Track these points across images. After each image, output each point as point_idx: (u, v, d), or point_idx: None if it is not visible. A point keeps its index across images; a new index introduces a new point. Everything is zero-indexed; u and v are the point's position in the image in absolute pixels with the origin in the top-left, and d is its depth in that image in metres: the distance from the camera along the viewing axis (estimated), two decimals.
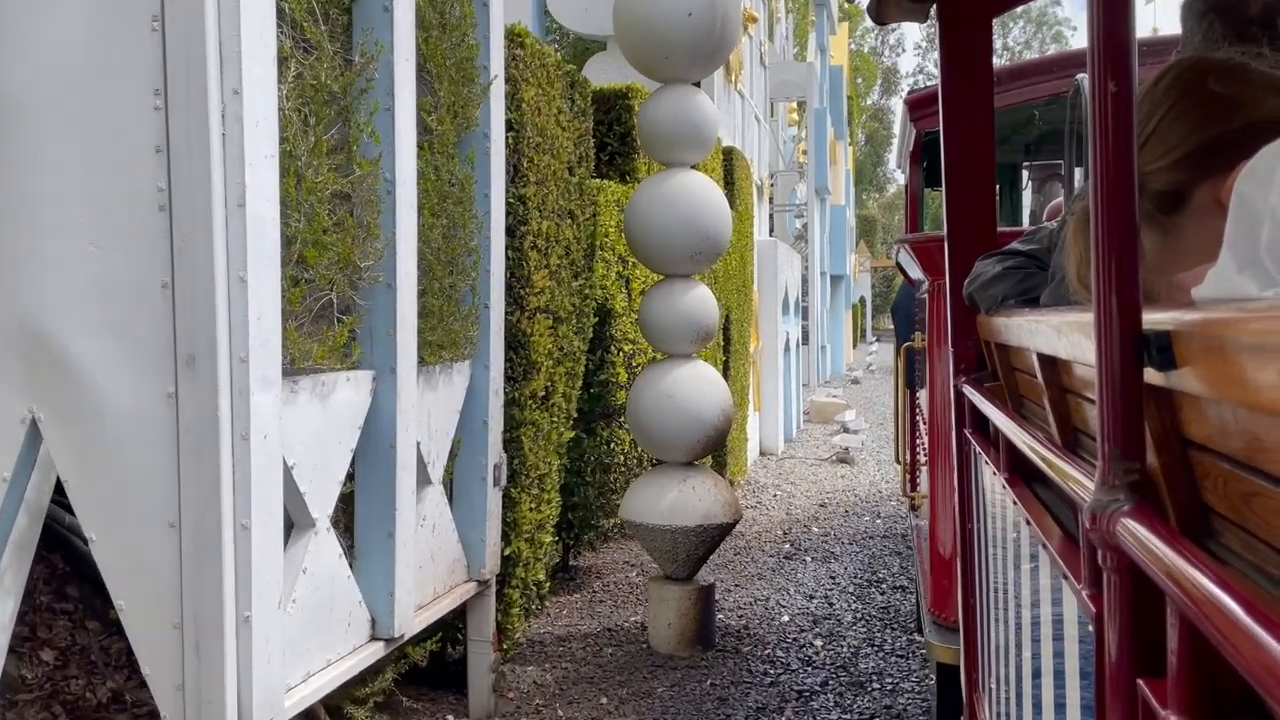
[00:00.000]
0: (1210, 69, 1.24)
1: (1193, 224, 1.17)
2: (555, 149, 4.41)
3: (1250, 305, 0.69)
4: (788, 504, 8.76)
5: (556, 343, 4.49)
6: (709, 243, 4.80)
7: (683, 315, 4.84)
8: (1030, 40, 62.66)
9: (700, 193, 4.81)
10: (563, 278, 4.55)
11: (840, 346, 27.06)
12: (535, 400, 4.26)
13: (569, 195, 4.62)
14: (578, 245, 4.76)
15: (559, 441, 4.52)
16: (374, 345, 3.16)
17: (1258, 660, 0.52)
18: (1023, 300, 1.79)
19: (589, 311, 5.01)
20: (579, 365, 4.94)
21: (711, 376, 4.94)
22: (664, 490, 4.83)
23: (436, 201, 3.44)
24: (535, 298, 4.20)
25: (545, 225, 4.29)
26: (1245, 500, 0.74)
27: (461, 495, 3.91)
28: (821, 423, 14.65)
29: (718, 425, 4.85)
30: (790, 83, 22.01)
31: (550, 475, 4.54)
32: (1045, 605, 1.33)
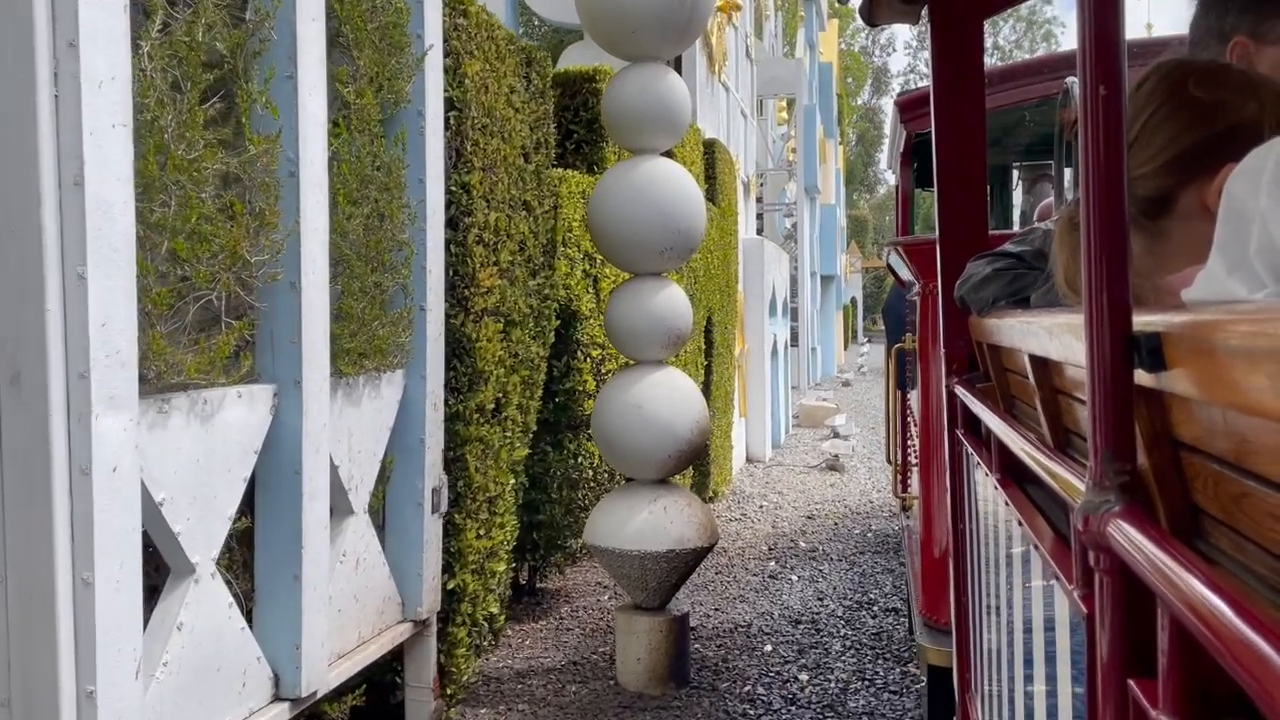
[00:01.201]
0: (1191, 73, 1.23)
1: (1179, 228, 1.18)
2: (506, 132, 3.94)
3: (1239, 308, 0.71)
4: (774, 516, 8.30)
5: (509, 349, 4.02)
6: (681, 237, 4.34)
7: (653, 318, 4.37)
8: (1021, 39, 62.58)
9: (671, 182, 4.34)
10: (517, 276, 4.07)
11: (831, 348, 26.65)
12: (483, 414, 3.78)
13: (523, 184, 4.15)
14: (535, 240, 4.29)
15: (512, 459, 4.04)
16: (275, 355, 2.68)
17: (1248, 661, 0.52)
18: (1014, 301, 1.78)
19: (550, 314, 4.54)
20: (538, 373, 4.47)
21: (685, 385, 4.47)
22: (632, 511, 4.36)
23: (356, 187, 2.97)
24: (482, 298, 3.72)
25: (494, 217, 3.82)
26: (1235, 501, 0.74)
27: (394, 524, 3.43)
28: (811, 427, 14.20)
29: (691, 439, 4.39)
30: (779, 79, 21.62)
31: (503, 497, 4.07)
32: (1037, 606, 1.33)
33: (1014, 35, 63.31)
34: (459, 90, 3.57)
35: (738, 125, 12.44)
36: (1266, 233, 0.77)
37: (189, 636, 2.38)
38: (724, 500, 8.82)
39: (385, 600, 3.31)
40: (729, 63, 11.38)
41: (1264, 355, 0.56)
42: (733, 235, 9.15)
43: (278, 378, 2.68)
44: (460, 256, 3.62)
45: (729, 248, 8.89)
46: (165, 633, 2.33)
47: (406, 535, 3.42)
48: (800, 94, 21.83)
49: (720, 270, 8.42)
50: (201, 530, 2.42)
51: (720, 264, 8.42)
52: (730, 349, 9.12)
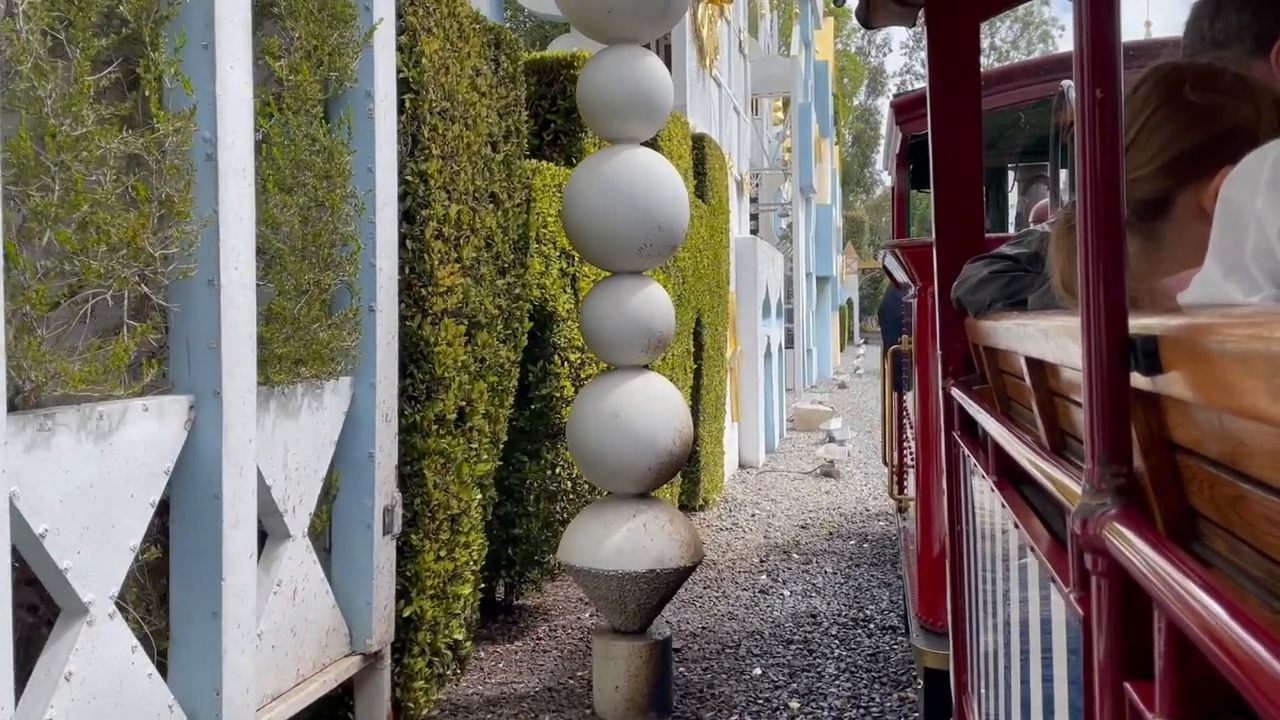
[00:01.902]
0: (1187, 76, 1.23)
1: (1175, 230, 1.19)
2: (470, 118, 3.62)
3: (1235, 311, 0.71)
4: (766, 525, 7.98)
5: (474, 353, 3.70)
6: (662, 233, 4.02)
7: (631, 319, 4.05)
8: (1017, 40, 62.43)
9: (651, 173, 4.03)
10: (483, 275, 3.76)
11: (827, 350, 26.35)
12: (443, 424, 3.47)
13: (491, 175, 3.83)
14: (504, 236, 3.98)
15: (479, 473, 3.72)
16: (191, 362, 2.37)
17: (1243, 663, 0.52)
18: (1011, 304, 1.77)
19: (522, 315, 4.23)
20: (509, 379, 4.15)
21: (666, 392, 4.16)
22: (610, 528, 4.05)
23: (289, 173, 2.65)
24: (442, 298, 3.41)
25: (456, 210, 3.50)
26: (1231, 504, 0.74)
27: (342, 548, 3.12)
28: (806, 431, 13.89)
29: (673, 450, 4.07)
30: (774, 77, 21.36)
31: (468, 514, 3.75)
32: (1034, 608, 1.33)
33: (1011, 36, 63.18)
34: (415, 70, 3.25)
35: (730, 121, 12.13)
36: (1262, 236, 0.76)
37: (80, 688, 2.06)
38: (715, 508, 8.51)
39: (329, 632, 2.99)
40: (721, 57, 11.07)
41: (1259, 359, 0.56)
42: (724, 234, 8.84)
43: (194, 388, 2.37)
44: (417, 252, 3.31)
45: (720, 246, 8.58)
46: (49, 685, 2.01)
47: (355, 560, 3.10)
48: (795, 92, 21.55)
49: (710, 270, 8.11)
50: (96, 565, 2.10)
51: (710, 263, 8.10)
52: (721, 351, 8.81)
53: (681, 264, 6.95)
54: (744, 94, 13.62)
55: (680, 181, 4.16)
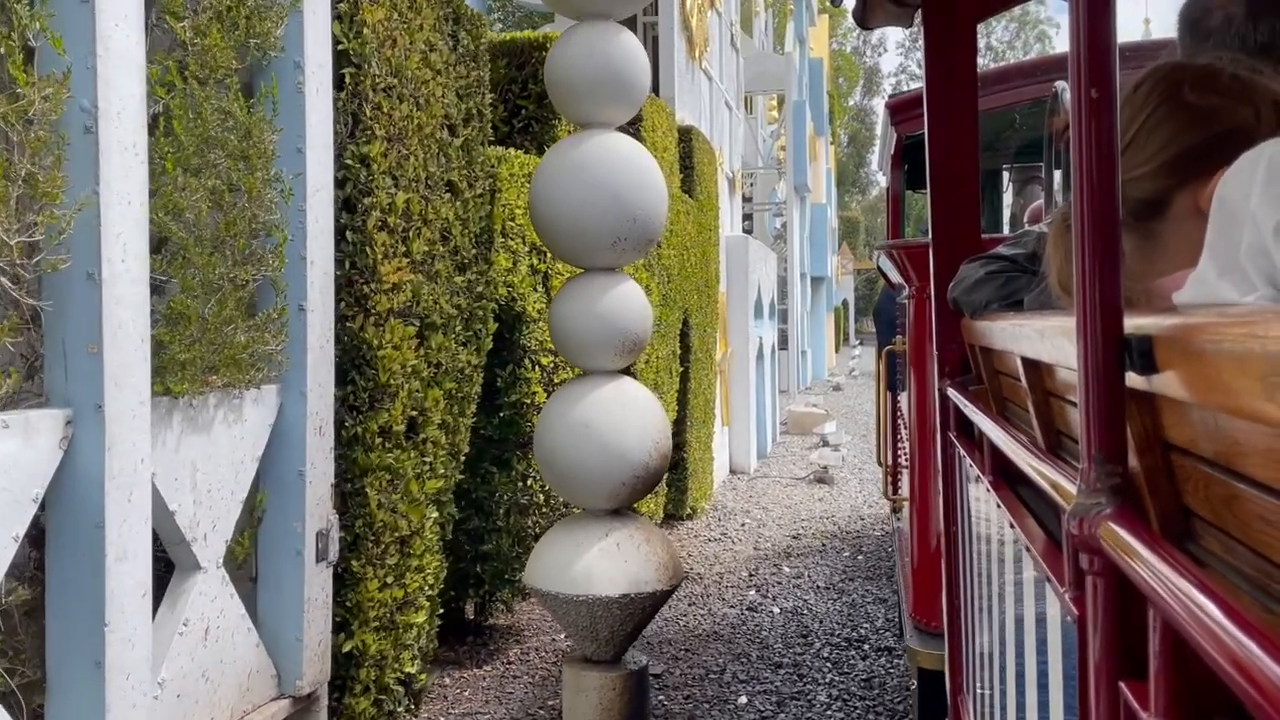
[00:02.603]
0: (1187, 77, 1.22)
1: (1172, 231, 1.18)
2: (423, 98, 3.28)
3: (1230, 310, 0.72)
4: (756, 535, 7.64)
5: (427, 357, 3.35)
6: (637, 226, 3.67)
7: (603, 320, 3.71)
8: (1013, 40, 62.32)
9: (624, 160, 3.68)
10: (437, 270, 3.41)
11: (822, 351, 26.03)
12: (389, 436, 3.12)
13: (447, 161, 3.48)
14: (463, 229, 3.63)
15: (434, 489, 3.37)
16: (68, 370, 2.02)
17: (1238, 662, 0.52)
18: (1007, 304, 1.77)
19: (485, 316, 3.88)
20: (470, 386, 3.81)
21: (642, 399, 3.81)
22: (579, 548, 3.70)
23: (194, 152, 2.30)
24: (387, 296, 3.06)
25: (404, 198, 3.15)
26: (1225, 503, 0.74)
27: (269, 578, 2.77)
28: (800, 434, 13.55)
29: (648, 463, 3.72)
30: (768, 75, 21.06)
31: (422, 534, 3.40)
32: (1029, 608, 1.33)
33: (1007, 36, 63.11)
34: (356, 42, 2.90)
35: (722, 116, 11.79)
36: (1257, 235, 0.76)
37: None
38: (703, 517, 8.16)
39: (252, 675, 2.64)
40: (711, 49, 10.73)
41: (1254, 358, 0.56)
42: (713, 231, 8.50)
43: (72, 400, 2.02)
44: (358, 245, 2.96)
45: (708, 244, 8.23)
46: None
47: (283, 591, 2.76)
48: (790, 90, 21.23)
49: (698, 268, 7.76)
50: None
51: (698, 261, 7.76)
52: (710, 353, 8.47)
53: (666, 262, 6.61)
54: (736, 89, 13.29)
55: (658, 170, 3.82)
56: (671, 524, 7.76)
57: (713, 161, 8.50)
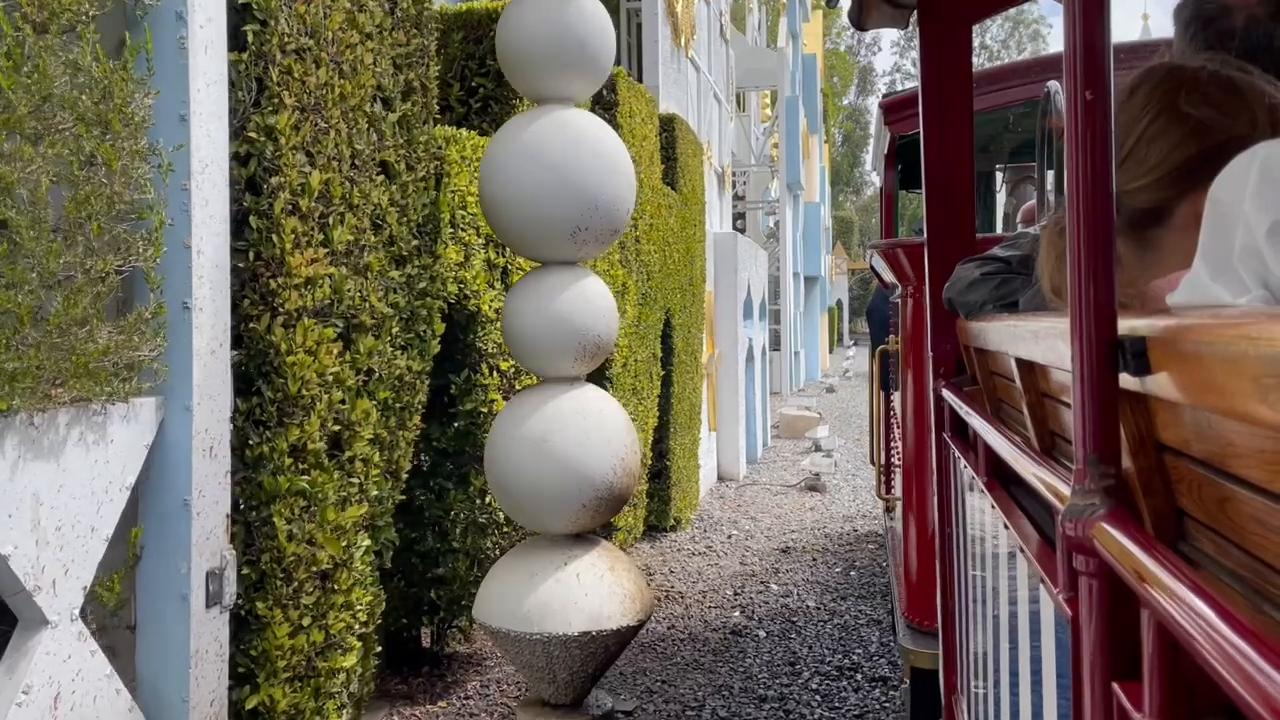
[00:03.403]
0: (1182, 84, 1.20)
1: (1172, 238, 1.18)
2: (348, 65, 2.84)
3: (1223, 312, 0.72)
4: (743, 549, 7.21)
5: (354, 363, 2.92)
6: (600, 215, 3.24)
7: (561, 320, 3.28)
8: (1008, 40, 62.22)
9: (586, 140, 3.25)
10: (366, 263, 2.97)
11: (815, 352, 25.63)
12: (304, 455, 2.68)
13: (379, 139, 3.05)
14: (401, 217, 3.19)
15: (356, 516, 2.93)
16: None
17: (1230, 664, 0.53)
18: (1002, 305, 1.78)
19: (431, 316, 3.44)
20: (413, 394, 3.37)
21: (607, 411, 3.38)
22: (534, 579, 3.27)
23: (27, 114, 1.86)
24: (299, 293, 2.62)
25: (324, 179, 2.72)
26: (1219, 505, 0.74)
27: (148, 627, 2.33)
28: (791, 438, 13.13)
29: (613, 483, 3.29)
30: (760, 70, 20.70)
31: (350, 566, 2.96)
32: (1023, 608, 1.33)
33: (1002, 35, 63.02)
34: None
35: (710, 109, 11.36)
36: (1250, 237, 0.76)
37: None
38: (688, 529, 7.73)
39: None
40: (699, 38, 10.30)
41: (1247, 360, 0.56)
42: (698, 226, 8.06)
43: None
44: (263, 232, 2.52)
45: (692, 240, 7.80)
46: None
47: (167, 643, 2.32)
48: (782, 85, 20.84)
49: (682, 266, 7.33)
50: None
51: (682, 258, 7.32)
52: (695, 355, 8.03)
53: (646, 258, 6.18)
54: (725, 81, 12.85)
55: (624, 152, 3.39)
56: (654, 536, 7.33)
57: (698, 153, 8.06)
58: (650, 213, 6.24)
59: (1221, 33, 1.54)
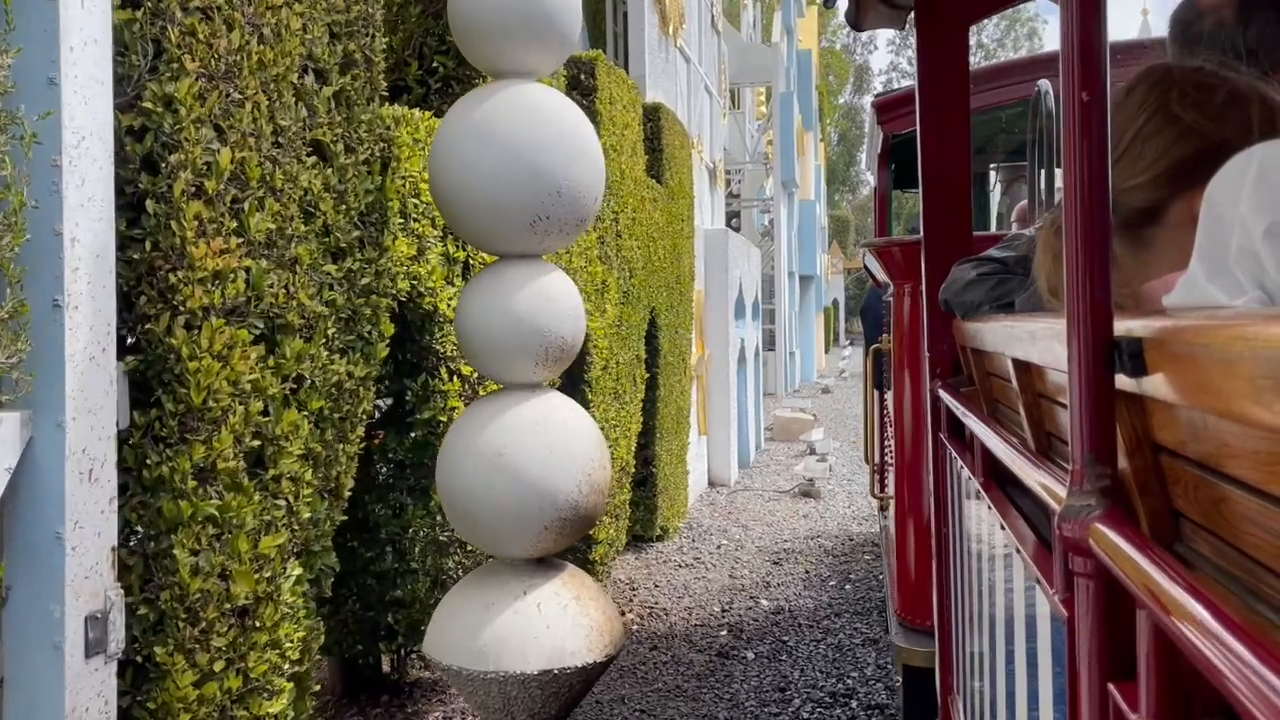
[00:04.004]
0: (1175, 85, 1.21)
1: (1167, 238, 1.18)
2: (270, 29, 2.49)
3: (1219, 313, 0.72)
4: (733, 560, 6.86)
5: (279, 369, 2.57)
6: (563, 203, 2.90)
7: (521, 320, 2.93)
8: (1004, 38, 62.12)
9: (546, 119, 2.90)
10: (294, 256, 2.62)
11: (810, 352, 25.30)
12: (213, 476, 2.33)
13: (311, 116, 2.70)
14: (339, 204, 2.84)
15: (273, 546, 2.58)
16: None
17: (1226, 664, 0.53)
18: (998, 306, 1.79)
19: (377, 316, 3.09)
20: (356, 403, 3.02)
21: (572, 421, 3.03)
22: (490, 611, 2.92)
23: None
24: (204, 289, 2.27)
25: (235, 157, 2.36)
26: (1215, 505, 0.75)
27: (16, 683, 1.98)
28: (786, 441, 12.79)
29: (578, 502, 2.94)
30: (754, 66, 20.36)
31: (276, 599, 2.61)
32: (1019, 609, 1.34)
33: (997, 33, 62.94)
34: None
35: (701, 102, 11.01)
36: (1246, 238, 0.77)
37: None
38: (675, 538, 7.38)
39: None
40: (688, 27, 9.96)
41: (1243, 361, 0.57)
42: (686, 222, 7.71)
43: None
44: (161, 219, 2.17)
45: (680, 236, 7.44)
46: None
47: (38, 699, 1.97)
48: (777, 81, 20.51)
49: (668, 263, 6.98)
50: None
51: (668, 255, 6.98)
52: (683, 357, 7.69)
53: (628, 254, 5.83)
54: (717, 74, 12.50)
55: (591, 133, 3.04)
56: (639, 547, 6.99)
57: (686, 145, 7.72)
58: (633, 206, 5.89)
59: (1217, 35, 1.57)
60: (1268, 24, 1.53)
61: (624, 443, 5.89)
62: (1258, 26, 1.53)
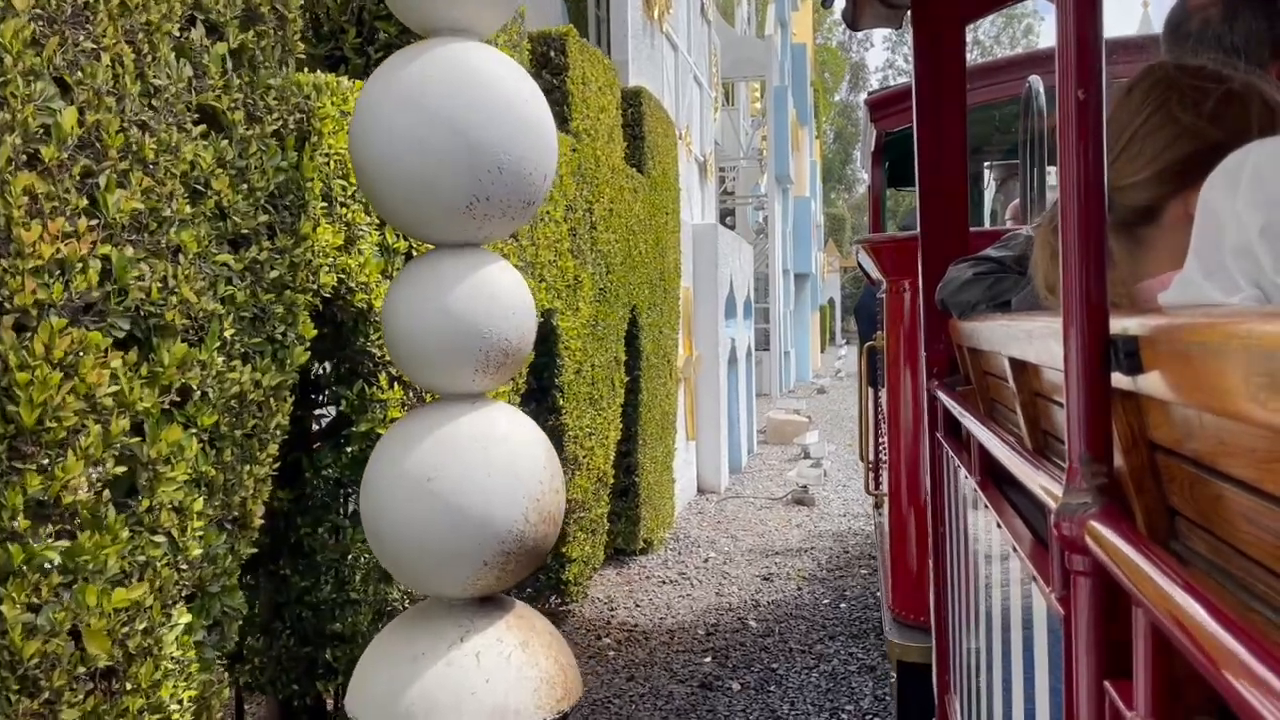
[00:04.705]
0: (1176, 84, 1.20)
1: (1163, 237, 1.19)
2: None
3: (1215, 311, 0.72)
4: (721, 576, 6.42)
5: (155, 379, 2.13)
6: (504, 181, 2.46)
7: (457, 320, 2.49)
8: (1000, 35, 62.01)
9: (484, 84, 2.46)
10: (178, 243, 2.19)
11: (806, 352, 24.88)
12: (56, 512, 1.89)
13: (199, 77, 2.26)
14: (239, 183, 2.41)
15: (125, 602, 2.14)
16: None
17: (1222, 662, 0.53)
18: (995, 305, 1.80)
19: (292, 314, 2.66)
20: (268, 417, 2.58)
21: (517, 437, 2.59)
22: (417, 662, 2.48)
23: None
24: (42, 281, 1.84)
25: (90, 120, 1.93)
26: (1211, 503, 0.76)
27: None
28: (779, 444, 12.36)
29: (523, 532, 2.51)
30: (748, 60, 19.98)
31: (158, 654, 2.18)
32: (1016, 607, 1.33)
33: (994, 31, 62.84)
34: None
35: (690, 93, 10.58)
36: (1242, 236, 0.77)
37: None
38: (660, 551, 6.95)
39: None
40: (676, 14, 9.52)
41: (1238, 358, 0.57)
42: (671, 215, 7.27)
43: None
44: None
45: (664, 230, 7.01)
46: None
47: None
48: (771, 75, 20.11)
49: (650, 257, 6.54)
50: None
51: (650, 249, 6.54)
52: (669, 358, 7.25)
53: (605, 247, 5.39)
54: (707, 64, 12.06)
55: (540, 102, 2.60)
56: (621, 561, 6.56)
57: (670, 134, 7.28)
58: (610, 196, 5.45)
59: (1205, 34, 1.58)
60: (1253, 21, 1.56)
61: (601, 452, 5.46)
62: (1244, 25, 1.56)
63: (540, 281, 4.42)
